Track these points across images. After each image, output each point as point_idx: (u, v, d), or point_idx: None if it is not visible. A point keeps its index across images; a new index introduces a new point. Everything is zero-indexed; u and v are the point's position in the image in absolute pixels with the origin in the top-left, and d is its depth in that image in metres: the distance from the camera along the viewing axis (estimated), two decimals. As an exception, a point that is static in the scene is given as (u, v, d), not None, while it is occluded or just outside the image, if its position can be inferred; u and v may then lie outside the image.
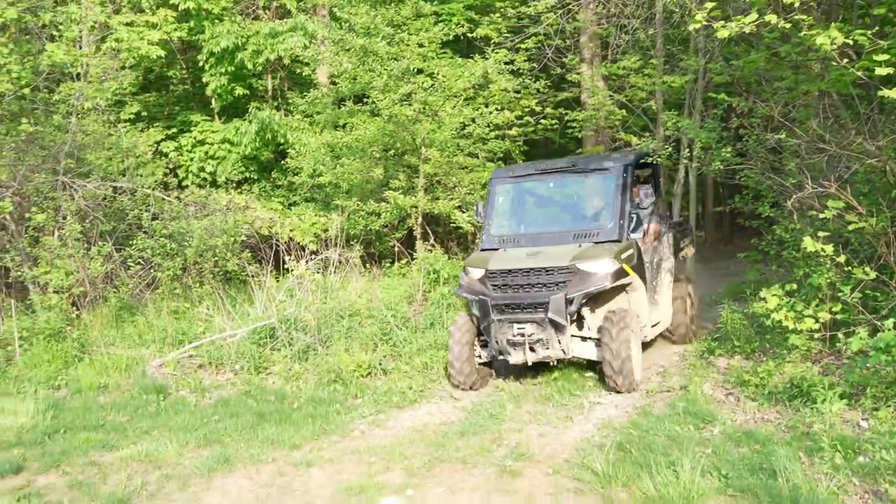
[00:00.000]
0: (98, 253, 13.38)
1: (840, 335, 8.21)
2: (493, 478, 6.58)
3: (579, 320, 9.45)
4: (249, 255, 15.00)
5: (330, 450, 7.62)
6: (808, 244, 7.89)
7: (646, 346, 10.46)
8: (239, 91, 19.70)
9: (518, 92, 17.48)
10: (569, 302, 8.97)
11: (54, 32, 15.58)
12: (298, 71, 19.84)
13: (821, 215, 8.66)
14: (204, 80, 19.45)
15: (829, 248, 7.98)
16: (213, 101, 20.39)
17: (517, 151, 17.95)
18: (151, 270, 14.37)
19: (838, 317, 8.53)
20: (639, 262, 9.78)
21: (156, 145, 18.76)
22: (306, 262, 12.94)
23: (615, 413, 8.35)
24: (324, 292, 12.33)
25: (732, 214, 24.27)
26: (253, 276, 13.64)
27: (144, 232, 14.57)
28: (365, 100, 16.99)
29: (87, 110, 15.44)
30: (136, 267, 14.17)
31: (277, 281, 13.63)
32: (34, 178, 13.65)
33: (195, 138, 19.84)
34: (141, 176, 16.00)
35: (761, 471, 6.14)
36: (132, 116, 18.57)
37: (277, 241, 15.10)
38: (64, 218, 13.59)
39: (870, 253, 9.12)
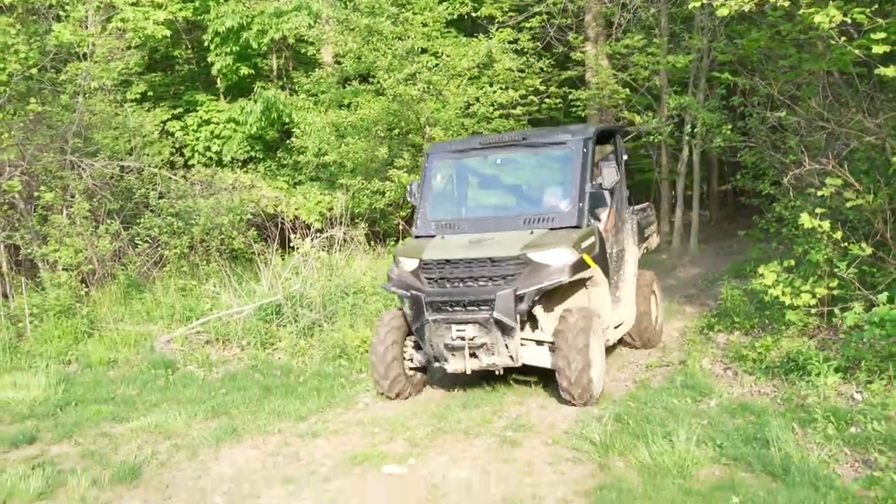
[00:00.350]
0: (106, 231, 13.54)
1: (836, 310, 8.34)
2: (493, 448, 6.74)
3: (531, 321, 8.07)
4: (255, 233, 15.18)
5: (335, 421, 7.79)
6: (805, 220, 7.99)
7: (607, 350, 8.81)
8: (244, 71, 19.80)
9: (522, 71, 17.56)
10: (519, 299, 7.59)
11: (60, 13, 15.65)
12: (303, 50, 19.94)
13: (818, 192, 8.76)
14: (209, 59, 19.55)
15: (826, 225, 8.08)
16: (218, 80, 20.49)
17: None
18: (159, 248, 14.56)
19: (835, 292, 8.65)
20: (601, 252, 8.43)
21: (162, 125, 18.92)
22: (311, 240, 13.07)
23: (614, 387, 8.51)
24: (329, 270, 12.48)
25: (736, 193, 24.36)
26: (259, 254, 13.79)
27: (151, 210, 14.75)
28: (370, 79, 17.08)
29: (93, 90, 15.55)
30: (143, 245, 14.36)
31: (283, 259, 13.79)
32: (42, 157, 13.78)
33: (201, 118, 20.00)
34: (147, 155, 16.16)
35: (755, 441, 6.28)
36: (138, 96, 18.72)
37: (283, 219, 15.23)
38: (72, 196, 13.74)
39: (868, 230, 9.22)
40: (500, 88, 16.50)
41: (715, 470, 5.90)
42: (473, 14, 18.40)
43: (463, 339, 7.77)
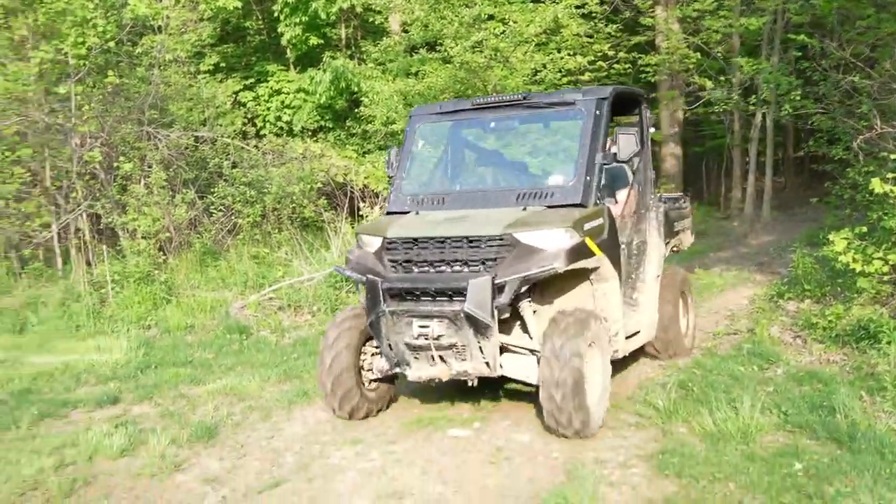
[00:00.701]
0: (182, 200, 13.95)
1: (910, 278, 8.17)
2: (557, 413, 6.82)
3: (520, 323, 6.56)
4: (325, 201, 15.45)
5: (401, 385, 7.94)
6: (876, 185, 7.81)
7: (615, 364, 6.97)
8: (313, 41, 20.02)
9: (590, 36, 17.36)
10: (497, 289, 6.00)
11: (136, -14, 16.05)
12: (371, 19, 20.05)
13: (892, 156, 8.54)
14: (279, 30, 19.82)
15: (899, 190, 7.89)
16: (288, 51, 20.76)
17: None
18: (232, 217, 14.94)
19: (910, 260, 8.45)
20: (611, 238, 6.74)
21: (234, 95, 19.31)
22: (380, 208, 13.25)
23: (680, 354, 8.50)
24: (397, 237, 12.62)
25: (812, 158, 23.77)
26: (329, 222, 14.04)
27: (225, 180, 15.13)
28: (437, 47, 17.10)
29: (168, 62, 15.94)
30: (217, 213, 14.76)
31: (352, 227, 14.01)
32: (121, 128, 14.24)
33: (272, 88, 20.34)
34: (221, 125, 16.58)
35: (821, 408, 6.24)
36: (211, 67, 19.12)
37: (352, 188, 15.48)
38: (149, 167, 14.16)
39: (946, 195, 8.95)
40: (568, 54, 16.34)
41: (779, 437, 5.89)
42: (541, -21, 18.21)
43: (427, 337, 6.26)
